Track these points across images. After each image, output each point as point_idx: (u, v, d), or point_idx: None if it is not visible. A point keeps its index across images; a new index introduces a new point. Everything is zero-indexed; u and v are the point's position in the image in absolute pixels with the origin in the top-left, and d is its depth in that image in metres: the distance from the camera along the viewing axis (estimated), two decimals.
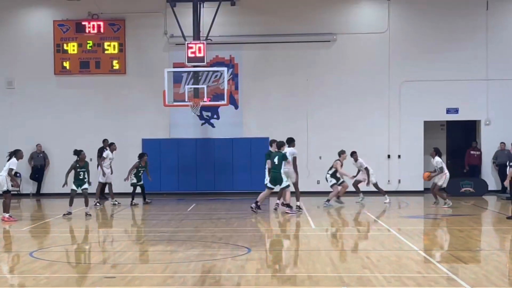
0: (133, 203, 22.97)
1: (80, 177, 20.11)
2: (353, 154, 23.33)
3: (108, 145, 24.30)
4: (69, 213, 19.83)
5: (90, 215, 19.99)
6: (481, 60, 26.86)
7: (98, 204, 22.91)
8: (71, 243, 15.65)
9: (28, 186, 27.56)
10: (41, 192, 27.44)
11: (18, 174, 27.38)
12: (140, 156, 23.48)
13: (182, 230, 17.36)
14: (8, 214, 19.19)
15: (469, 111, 27.05)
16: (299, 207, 20.51)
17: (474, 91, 26.90)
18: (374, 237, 16.10)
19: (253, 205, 20.47)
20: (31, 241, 16.19)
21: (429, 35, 26.99)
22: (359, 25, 27.24)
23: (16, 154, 19.36)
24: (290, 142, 20.80)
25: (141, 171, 23.29)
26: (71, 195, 20.01)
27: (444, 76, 26.90)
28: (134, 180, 23.15)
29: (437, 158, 22.04)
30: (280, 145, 20.48)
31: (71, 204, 19.96)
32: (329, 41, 27.14)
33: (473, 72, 26.87)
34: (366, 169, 23.26)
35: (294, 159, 20.58)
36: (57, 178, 27.23)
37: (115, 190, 23.66)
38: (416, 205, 23.63)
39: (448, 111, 27.04)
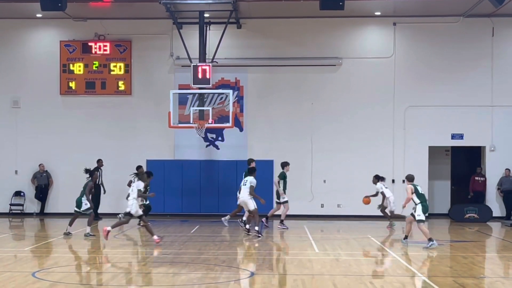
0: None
1: None
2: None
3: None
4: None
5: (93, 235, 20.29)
6: (486, 86, 26.87)
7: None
8: (73, 263, 15.60)
9: (32, 206, 27.53)
10: (45, 211, 27.41)
11: (22, 194, 27.46)
12: (149, 175, 23.47)
13: (185, 252, 17.31)
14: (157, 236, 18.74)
15: (474, 137, 27.01)
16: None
17: (479, 117, 26.87)
18: (378, 262, 16.02)
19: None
20: (33, 261, 16.15)
21: (434, 60, 27.03)
22: (365, 49, 27.29)
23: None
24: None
25: (148, 189, 23.51)
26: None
27: (449, 102, 26.90)
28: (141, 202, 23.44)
29: (378, 184, 23.19)
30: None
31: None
32: (335, 65, 27.18)
33: (478, 98, 26.86)
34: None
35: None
36: (61, 198, 27.32)
37: (113, 210, 23.86)
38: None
39: (453, 136, 27.01)
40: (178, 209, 27.10)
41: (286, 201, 22.80)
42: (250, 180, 20.93)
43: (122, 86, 27.41)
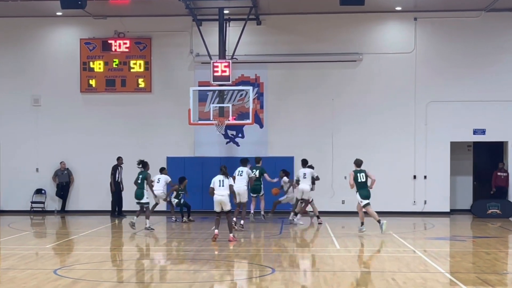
0: (184, 220, 23.91)
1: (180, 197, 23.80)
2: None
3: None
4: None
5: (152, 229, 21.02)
6: (508, 81, 26.61)
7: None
8: (95, 261, 15.63)
9: (53, 203, 27.63)
10: (66, 209, 27.50)
11: (43, 191, 27.56)
12: (181, 180, 23.90)
13: (206, 249, 17.29)
14: (232, 234, 18.65)
15: (496, 132, 26.77)
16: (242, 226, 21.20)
17: (501, 112, 26.63)
18: (399, 258, 15.92)
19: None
20: (55, 259, 16.19)
21: (456, 55, 26.82)
22: (386, 45, 27.14)
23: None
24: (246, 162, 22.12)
25: (181, 194, 23.82)
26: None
27: (471, 97, 26.68)
28: (176, 200, 24.05)
29: (285, 178, 24.12)
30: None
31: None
32: (355, 60, 27.06)
33: (500, 93, 26.62)
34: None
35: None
36: (82, 195, 27.42)
37: (133, 207, 23.83)
38: (442, 226, 23.37)
39: (475, 132, 26.80)
40: (198, 206, 27.00)
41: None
42: (246, 171, 21.54)
43: (142, 84, 27.44)
